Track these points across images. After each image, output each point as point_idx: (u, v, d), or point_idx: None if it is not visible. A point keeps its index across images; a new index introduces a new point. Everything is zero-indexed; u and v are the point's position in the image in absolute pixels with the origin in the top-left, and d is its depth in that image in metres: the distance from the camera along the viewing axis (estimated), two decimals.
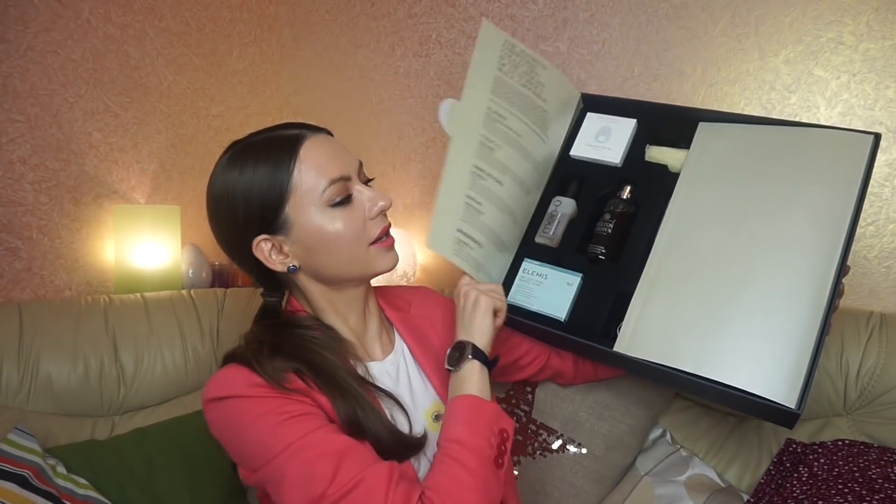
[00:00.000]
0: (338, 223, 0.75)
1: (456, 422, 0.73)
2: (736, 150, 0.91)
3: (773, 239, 0.82)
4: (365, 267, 0.79)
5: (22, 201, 1.38)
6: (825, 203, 0.82)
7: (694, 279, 0.85)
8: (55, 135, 1.42)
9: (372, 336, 0.86)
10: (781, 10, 1.20)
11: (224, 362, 0.75)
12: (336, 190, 0.75)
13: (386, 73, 1.73)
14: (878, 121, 1.14)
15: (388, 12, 1.70)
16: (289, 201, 0.74)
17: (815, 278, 0.78)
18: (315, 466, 0.65)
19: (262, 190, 0.74)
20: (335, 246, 0.76)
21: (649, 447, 1.17)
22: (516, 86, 0.98)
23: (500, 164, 0.95)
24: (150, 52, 1.60)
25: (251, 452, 0.69)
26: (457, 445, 0.70)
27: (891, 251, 1.15)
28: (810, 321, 0.76)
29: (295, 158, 0.74)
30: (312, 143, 0.76)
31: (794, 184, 0.84)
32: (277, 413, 0.68)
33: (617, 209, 0.97)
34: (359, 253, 0.78)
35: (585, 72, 1.42)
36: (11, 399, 1.15)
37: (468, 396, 0.75)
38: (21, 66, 1.36)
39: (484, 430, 0.72)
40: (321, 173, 0.74)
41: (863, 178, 0.81)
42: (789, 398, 0.73)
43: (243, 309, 1.44)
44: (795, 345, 0.75)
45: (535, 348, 1.04)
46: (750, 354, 0.77)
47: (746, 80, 1.24)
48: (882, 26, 1.12)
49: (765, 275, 0.80)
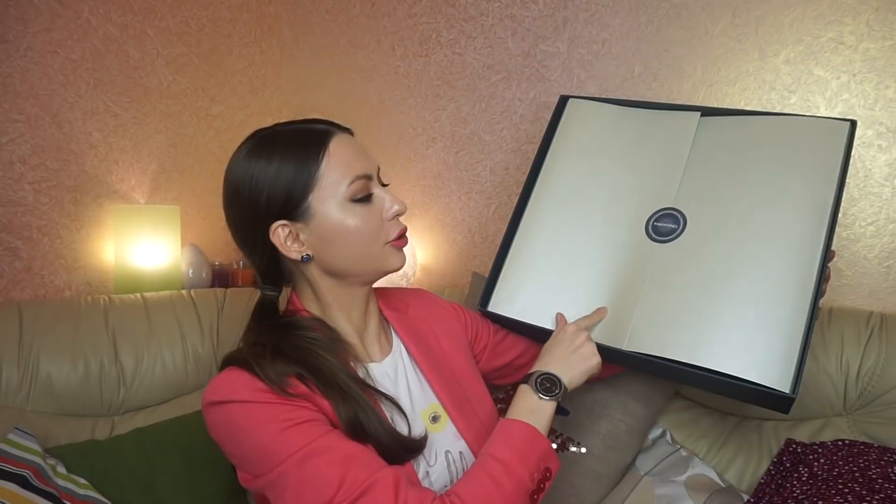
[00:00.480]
0: (357, 219, 0.77)
1: (507, 444, 0.72)
2: (722, 142, 0.94)
3: (759, 228, 0.84)
4: (377, 264, 0.81)
5: (22, 201, 1.38)
6: (806, 191, 0.84)
7: (685, 272, 0.86)
8: (55, 135, 1.42)
9: (371, 336, 0.86)
10: (781, 10, 1.20)
11: (224, 365, 0.75)
12: (359, 187, 0.77)
13: (386, 73, 1.73)
14: (878, 121, 1.14)
15: (388, 12, 1.70)
16: (313, 191, 0.76)
17: (801, 265, 0.80)
18: (321, 473, 0.65)
19: (288, 177, 0.75)
20: (351, 240, 0.78)
21: (649, 447, 1.17)
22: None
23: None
24: (150, 52, 1.60)
25: (254, 458, 0.68)
26: (500, 466, 0.70)
27: (891, 251, 1.15)
28: (799, 307, 0.78)
29: (325, 151, 0.76)
30: (340, 140, 0.78)
31: (776, 173, 0.87)
32: (281, 420, 0.67)
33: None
34: (374, 249, 0.79)
35: (585, 72, 1.42)
36: (11, 399, 1.15)
37: (529, 426, 0.74)
38: (21, 66, 1.36)
39: (533, 462, 0.72)
40: (347, 169, 0.77)
41: (842, 164, 0.84)
42: (783, 383, 0.75)
43: (243, 309, 1.44)
44: (786, 331, 0.77)
45: (532, 349, 1.04)
46: (743, 342, 0.79)
47: (746, 80, 1.24)
48: (882, 26, 1.12)
49: (753, 264, 0.82)
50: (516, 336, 1.02)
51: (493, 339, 1.00)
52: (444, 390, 0.84)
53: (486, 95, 1.57)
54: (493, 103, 1.56)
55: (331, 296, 0.82)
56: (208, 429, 0.73)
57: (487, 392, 0.92)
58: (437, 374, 0.86)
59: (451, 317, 0.97)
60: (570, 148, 1.03)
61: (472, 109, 1.59)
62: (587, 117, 1.05)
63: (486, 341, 0.99)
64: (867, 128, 1.15)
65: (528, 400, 0.77)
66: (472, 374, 0.92)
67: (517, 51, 1.51)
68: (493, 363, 1.00)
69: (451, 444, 0.81)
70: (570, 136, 1.05)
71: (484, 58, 1.56)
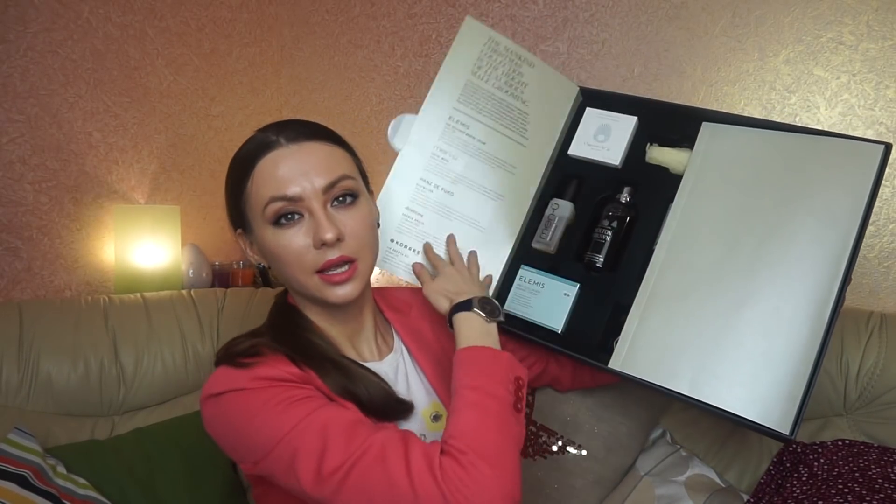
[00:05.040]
0: (277, 243, 0.74)
1: (475, 371, 0.72)
2: (741, 156, 0.88)
3: (775, 255, 0.80)
4: (311, 293, 0.77)
5: (22, 201, 1.38)
6: (829, 218, 0.78)
7: (693, 296, 0.83)
8: (55, 135, 1.42)
9: (366, 337, 0.87)
10: (781, 10, 1.20)
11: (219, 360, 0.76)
12: (274, 209, 0.73)
13: (386, 73, 1.73)
14: (878, 121, 1.14)
15: (388, 12, 1.70)
16: (247, 208, 0.77)
17: (816, 299, 0.76)
18: (327, 436, 0.65)
19: (233, 190, 0.78)
20: (279, 263, 0.76)
21: (649, 447, 1.17)
22: (490, 89, 0.99)
23: (452, 174, 0.97)
24: (151, 53, 1.60)
25: (257, 440, 0.68)
26: (474, 392, 0.69)
27: (891, 251, 1.15)
28: (809, 345, 0.74)
29: (253, 170, 0.75)
30: (276, 156, 0.74)
31: (799, 196, 0.81)
32: (279, 399, 0.68)
33: (616, 214, 0.95)
34: (303, 278, 0.75)
35: (585, 72, 1.42)
36: (11, 399, 1.15)
37: (487, 348, 0.75)
38: (21, 66, 1.36)
39: (502, 377, 0.72)
40: (266, 189, 0.73)
41: (870, 191, 0.77)
42: (783, 424, 0.73)
43: (243, 309, 1.44)
44: (793, 369, 0.74)
45: (534, 353, 1.04)
46: (746, 378, 0.76)
47: (746, 80, 1.24)
48: (882, 26, 1.12)
49: (765, 294, 0.78)
50: (514, 342, 1.03)
51: None
52: (445, 390, 0.85)
53: None
54: None
55: (303, 303, 0.83)
56: (205, 424, 0.73)
57: None
58: (438, 373, 0.86)
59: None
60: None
61: None
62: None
63: None
64: (867, 128, 1.15)
65: (476, 324, 0.78)
66: None
67: None
68: None
69: None
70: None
71: None
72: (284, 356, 0.74)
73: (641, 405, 1.14)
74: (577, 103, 1.05)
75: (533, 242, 1.01)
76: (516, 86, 1.00)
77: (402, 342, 0.89)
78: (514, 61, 0.99)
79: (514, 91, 1.00)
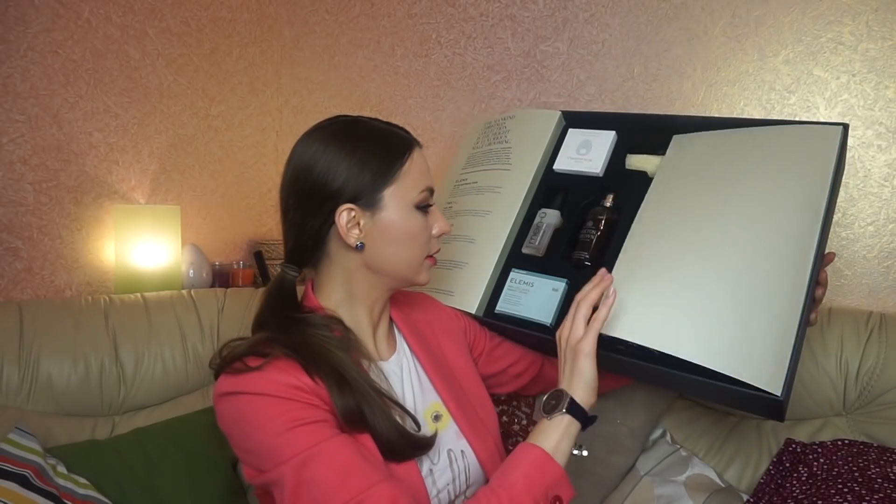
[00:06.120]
0: (415, 225, 0.81)
1: (516, 470, 0.72)
2: (708, 154, 0.94)
3: (751, 231, 0.84)
4: (410, 272, 0.84)
5: (22, 201, 1.38)
6: (799, 196, 0.84)
7: (674, 264, 0.86)
8: (55, 135, 1.42)
9: (382, 335, 0.87)
10: (781, 10, 1.20)
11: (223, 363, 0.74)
12: (426, 197, 0.83)
13: (386, 73, 1.73)
14: (878, 121, 1.14)
15: (388, 13, 1.70)
16: (389, 187, 0.79)
17: (792, 270, 0.80)
18: (319, 479, 0.65)
19: (372, 167, 0.79)
20: (403, 243, 0.81)
21: (649, 447, 1.17)
22: (484, 148, 1.19)
23: (452, 212, 1.17)
24: (151, 53, 1.60)
25: (260, 453, 0.68)
26: (506, 494, 0.70)
27: (890, 251, 1.15)
28: (791, 312, 0.78)
29: (410, 155, 0.82)
30: (420, 152, 0.85)
31: (768, 180, 0.87)
32: (288, 418, 0.68)
33: (600, 216, 0.99)
34: (416, 259, 0.83)
35: (585, 72, 1.42)
36: (12, 399, 1.15)
37: (538, 449, 0.74)
38: (21, 66, 1.36)
39: (540, 490, 0.71)
40: (422, 178, 0.83)
41: (834, 167, 0.83)
42: (773, 384, 0.74)
43: (243, 309, 1.44)
44: (777, 335, 0.77)
45: (528, 357, 1.05)
46: (733, 341, 0.78)
47: (746, 81, 1.25)
48: (882, 26, 1.12)
49: (743, 267, 0.82)
50: (512, 344, 1.04)
51: (488, 344, 1.02)
52: (445, 389, 0.85)
53: (486, 96, 1.57)
54: (492, 103, 1.56)
55: (361, 288, 0.83)
56: (217, 418, 0.73)
57: (487, 393, 0.93)
58: (439, 373, 0.87)
59: (451, 320, 0.99)
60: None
61: (472, 110, 1.59)
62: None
63: (483, 346, 1.01)
64: (867, 128, 1.15)
65: (539, 423, 0.78)
66: (473, 375, 0.93)
67: (517, 51, 1.51)
68: (488, 369, 1.01)
69: (453, 442, 0.82)
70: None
71: (484, 58, 1.56)
72: (298, 364, 0.72)
73: (643, 407, 1.15)
74: (561, 126, 1.14)
75: (523, 248, 1.05)
76: (501, 136, 1.18)
77: (405, 341, 0.89)
78: (500, 124, 1.19)
79: (499, 140, 1.18)
